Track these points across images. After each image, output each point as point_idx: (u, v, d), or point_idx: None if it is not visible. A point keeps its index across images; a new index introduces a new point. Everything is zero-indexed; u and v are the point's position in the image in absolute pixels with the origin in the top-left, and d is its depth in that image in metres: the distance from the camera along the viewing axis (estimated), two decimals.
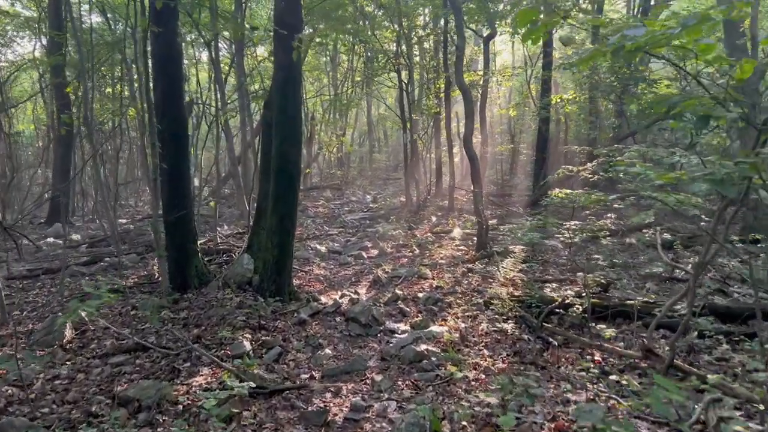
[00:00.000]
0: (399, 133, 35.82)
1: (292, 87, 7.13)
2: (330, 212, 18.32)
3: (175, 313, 7.08)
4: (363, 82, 24.18)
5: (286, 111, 7.16)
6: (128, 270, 10.13)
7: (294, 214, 7.47)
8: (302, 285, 8.62)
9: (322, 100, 28.50)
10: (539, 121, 16.31)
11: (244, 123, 15.49)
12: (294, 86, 7.15)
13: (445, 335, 6.19)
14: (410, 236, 12.88)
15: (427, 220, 14.99)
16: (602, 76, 13.66)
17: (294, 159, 7.25)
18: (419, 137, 19.11)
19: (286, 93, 7.17)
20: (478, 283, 8.33)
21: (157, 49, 7.54)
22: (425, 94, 18.40)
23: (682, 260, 9.82)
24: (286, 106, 7.14)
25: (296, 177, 7.35)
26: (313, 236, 14.01)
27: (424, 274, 8.93)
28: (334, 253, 11.59)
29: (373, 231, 14.05)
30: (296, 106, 7.19)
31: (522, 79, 19.64)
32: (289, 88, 7.12)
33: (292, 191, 7.33)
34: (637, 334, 6.18)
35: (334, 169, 28.13)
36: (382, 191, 24.01)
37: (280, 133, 7.21)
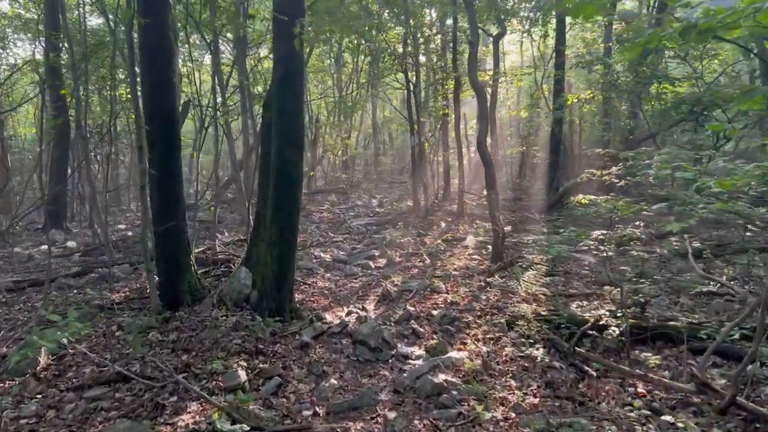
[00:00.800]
0: (404, 136, 35.06)
1: (292, 82, 6.37)
2: (335, 217, 17.56)
3: (164, 335, 6.32)
4: (368, 84, 23.44)
5: (286, 108, 6.41)
6: (120, 282, 9.40)
7: (295, 223, 6.71)
8: (305, 300, 7.86)
9: (326, 102, 27.80)
10: (553, 122, 15.54)
11: (246, 125, 14.78)
12: (295, 81, 6.40)
13: (466, 363, 5.42)
14: (419, 244, 12.11)
15: (436, 225, 14.21)
16: (619, 75, 12.86)
17: (295, 162, 6.49)
18: (426, 140, 18.35)
19: (285, 89, 6.42)
20: (497, 298, 7.56)
21: (146, 42, 6.81)
22: (433, 95, 17.62)
23: (714, 271, 9.02)
24: (286, 102, 6.39)
25: (298, 182, 6.59)
26: (318, 243, 13.25)
27: (437, 288, 8.16)
28: (340, 263, 10.82)
29: (380, 238, 13.28)
30: (297, 102, 6.43)
31: (531, 80, 18.85)
32: (289, 83, 6.37)
33: (293, 198, 6.58)
34: (683, 362, 5.40)
35: (338, 172, 27.40)
36: (388, 195, 23.24)
37: (279, 134, 6.46)
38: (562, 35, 15.77)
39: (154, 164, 6.79)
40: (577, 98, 13.09)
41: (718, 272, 8.84)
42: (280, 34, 6.33)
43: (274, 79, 6.60)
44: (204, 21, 11.92)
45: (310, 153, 24.66)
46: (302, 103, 6.56)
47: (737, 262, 9.37)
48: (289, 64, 6.34)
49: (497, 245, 9.23)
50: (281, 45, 6.34)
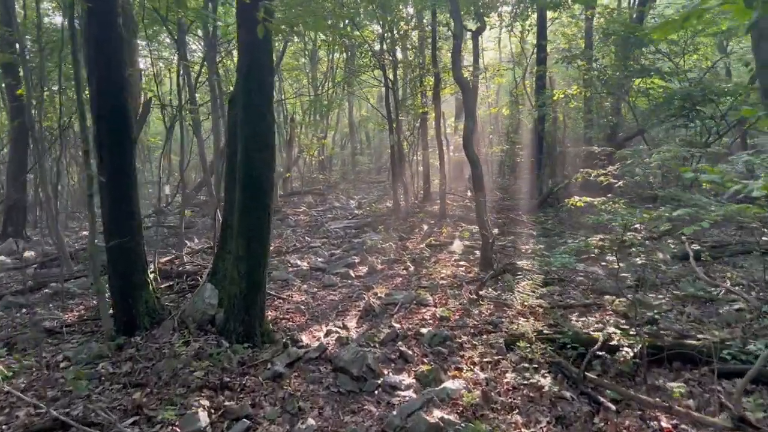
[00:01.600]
0: (382, 135, 34.26)
1: (258, 74, 5.53)
2: (312, 220, 16.70)
3: (116, 366, 5.44)
4: (344, 82, 22.58)
5: (253, 103, 5.57)
6: (75, 299, 8.45)
7: (266, 234, 5.88)
8: (279, 319, 7.02)
9: (301, 101, 26.86)
10: (535, 119, 14.90)
11: (216, 125, 13.83)
12: (262, 73, 5.55)
13: (464, 395, 4.66)
14: (402, 249, 11.34)
15: (418, 228, 13.46)
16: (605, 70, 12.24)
17: (264, 164, 5.66)
18: (405, 139, 17.59)
19: (251, 81, 5.58)
20: (490, 311, 6.82)
21: (91, 30, 5.91)
22: (412, 93, 16.86)
23: (715, 274, 8.43)
24: (252, 97, 5.56)
25: (267, 187, 5.75)
26: (294, 249, 12.40)
27: (423, 300, 7.39)
28: (318, 271, 10.00)
29: (360, 242, 12.48)
30: (265, 97, 5.59)
31: (511, 76, 18.23)
32: (256, 75, 5.52)
33: (262, 206, 5.74)
34: (708, 388, 4.72)
35: (315, 173, 26.50)
36: (366, 196, 22.43)
37: (246, 133, 5.62)
38: (543, 30, 15.14)
39: (104, 169, 5.91)
40: (564, 94, 12.46)
41: (719, 276, 8.24)
42: (244, 21, 5.49)
43: (239, 71, 5.75)
44: (170, 16, 11.02)
45: (285, 153, 23.71)
46: (271, 98, 5.72)
47: (737, 265, 8.81)
48: (254, 54, 5.50)
49: (486, 251, 8.51)
50: (246, 33, 5.50)
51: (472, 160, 8.62)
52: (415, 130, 18.69)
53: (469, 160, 8.71)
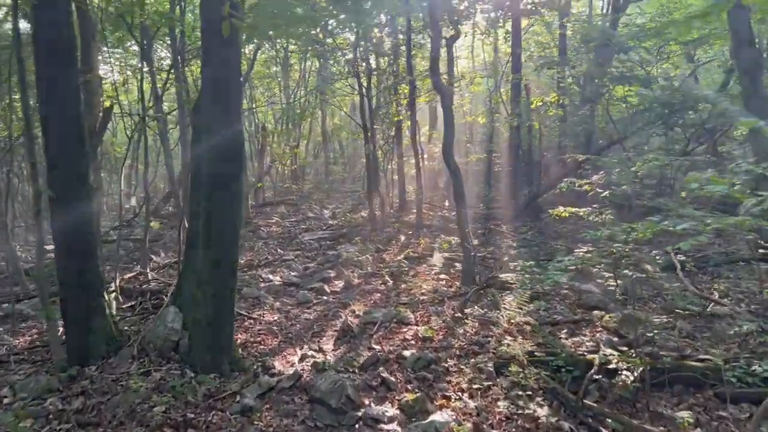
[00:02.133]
0: (355, 144, 33.80)
1: (225, 77, 5.04)
2: (285, 231, 16.12)
3: (66, 402, 4.86)
4: (317, 90, 22.11)
5: (219, 111, 5.07)
6: (28, 322, 7.78)
7: (234, 252, 5.37)
8: (249, 343, 6.48)
9: (273, 110, 26.28)
10: (511, 128, 14.64)
11: (184, 134, 13.21)
12: (229, 75, 5.06)
13: (454, 429, 4.21)
14: (379, 262, 10.90)
15: (395, 239, 13.03)
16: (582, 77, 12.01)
17: (232, 175, 5.15)
18: (380, 147, 17.17)
19: (218, 85, 5.08)
20: (475, 330, 6.40)
21: (40, 32, 5.33)
22: (387, 101, 16.46)
23: (701, 286, 8.17)
24: (218, 103, 5.06)
25: (236, 200, 5.24)
26: (266, 263, 11.84)
27: (404, 318, 6.94)
28: (291, 286, 9.48)
29: (335, 254, 11.98)
30: (232, 102, 5.10)
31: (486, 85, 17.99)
32: (222, 79, 5.03)
33: (230, 222, 5.24)
34: (716, 415, 4.37)
35: (288, 183, 25.87)
36: (340, 205, 21.91)
37: (211, 143, 5.11)
38: (518, 38, 14.92)
39: (55, 183, 5.33)
40: (541, 101, 12.21)
41: (706, 288, 7.99)
42: (208, 19, 5.01)
43: (204, 75, 5.25)
44: (135, 20, 10.44)
45: (257, 163, 23.10)
46: (239, 103, 5.23)
47: (722, 275, 8.58)
48: (220, 56, 5.01)
49: (468, 265, 8.12)
50: (210, 33, 5.01)
51: (452, 170, 8.23)
52: (389, 139, 18.30)
53: (450, 169, 8.33)
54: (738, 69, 9.08)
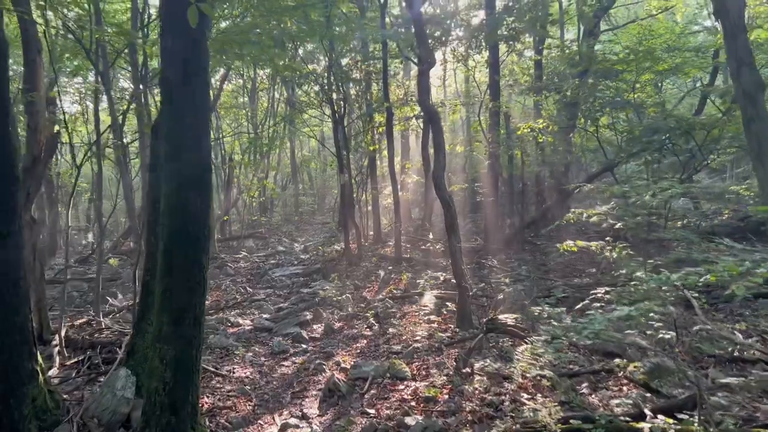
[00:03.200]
0: (325, 176, 32.90)
1: (191, 89, 4.06)
2: (254, 267, 14.95)
3: None
4: (287, 120, 21.20)
5: (183, 131, 4.08)
6: None
7: (201, 304, 4.30)
8: (217, 409, 5.35)
9: (240, 141, 25.20)
10: (492, 157, 13.95)
11: (145, 164, 12.06)
12: (195, 87, 4.08)
13: None
14: (360, 301, 9.87)
15: (374, 275, 12.02)
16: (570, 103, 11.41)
17: (197, 211, 4.12)
18: (353, 178, 16.28)
19: (182, 100, 4.09)
20: (485, 387, 5.41)
21: None
22: (361, 130, 15.64)
23: (719, 324, 7.41)
24: (182, 121, 4.06)
25: (201, 240, 4.19)
26: (234, 303, 10.67)
27: (399, 372, 5.92)
28: (264, 332, 8.36)
29: (311, 293, 10.91)
30: (198, 121, 4.10)
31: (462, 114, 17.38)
32: (187, 92, 4.05)
33: (194, 267, 4.18)
34: None
35: (256, 215, 24.67)
36: (312, 238, 20.83)
37: (173, 170, 4.10)
38: (496, 65, 14.36)
39: None
40: (529, 128, 11.56)
41: (725, 327, 7.23)
42: (170, 17, 4.04)
43: (163, 88, 4.25)
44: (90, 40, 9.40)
45: (224, 195, 21.91)
46: (207, 121, 4.24)
47: (734, 312, 7.86)
48: (184, 63, 4.03)
49: (465, 306, 7.18)
50: (173, 33, 4.05)
51: (444, 200, 7.35)
52: (363, 169, 17.45)
53: (441, 200, 7.45)
54: (737, 91, 8.54)
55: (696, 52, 14.72)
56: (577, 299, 8.69)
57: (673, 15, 19.37)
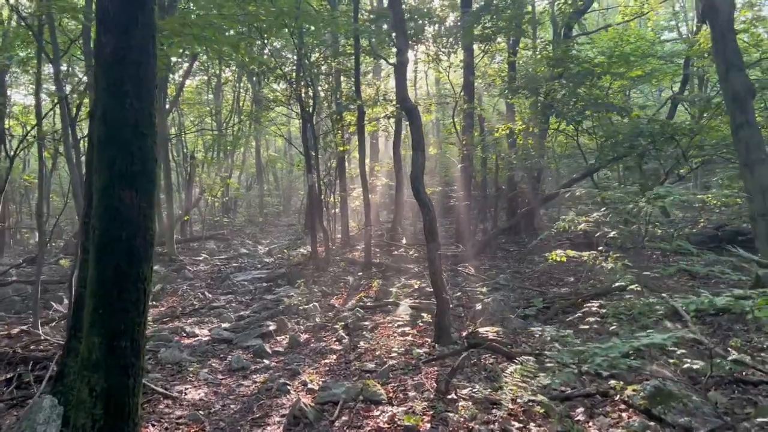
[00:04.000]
0: (291, 176, 31.98)
1: (132, 63, 3.30)
2: (214, 271, 14.05)
3: None
4: (252, 118, 20.29)
5: (121, 114, 3.32)
6: None
7: (139, 326, 3.52)
8: None
9: (204, 139, 24.16)
10: (465, 160, 13.44)
11: (69, 157, 11.07)
12: (139, 61, 3.32)
13: None
14: (329, 309, 9.16)
15: (343, 281, 11.31)
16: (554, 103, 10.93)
17: (137, 213, 3.36)
18: (321, 179, 15.54)
19: (120, 77, 3.33)
20: (471, 413, 4.77)
21: None
22: (333, 128, 14.90)
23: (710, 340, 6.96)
24: (120, 104, 3.30)
25: (139, 251, 3.41)
26: (191, 310, 9.81)
27: (374, 395, 5.22)
28: (222, 344, 7.57)
29: (275, 300, 10.14)
30: (143, 101, 3.35)
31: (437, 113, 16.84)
32: (126, 67, 3.29)
33: (134, 279, 3.41)
34: None
35: (219, 215, 23.63)
36: (276, 240, 19.96)
37: (104, 163, 3.33)
38: (471, 65, 13.87)
39: None
40: (508, 129, 11.04)
41: (717, 343, 6.78)
42: None
43: (98, 62, 3.47)
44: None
45: (185, 194, 20.85)
46: (151, 104, 3.47)
47: (722, 326, 7.45)
48: (125, 32, 3.27)
49: (444, 319, 6.55)
50: (111, 8, 3.29)
51: (423, 202, 6.71)
52: (331, 170, 16.72)
53: (420, 202, 6.80)
54: (726, 96, 8.18)
55: (670, 58, 14.55)
56: (558, 310, 8.23)
57: (645, 23, 19.32)
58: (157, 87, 3.82)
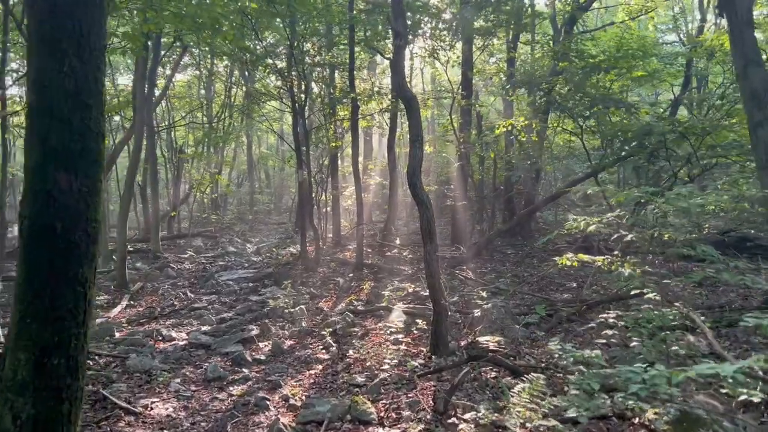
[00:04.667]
0: (283, 174, 31.27)
1: (73, 23, 2.67)
2: (199, 269, 13.36)
3: None
4: (244, 112, 19.59)
5: (56, 81, 2.67)
6: None
7: (78, 339, 2.85)
8: None
9: (195, 134, 23.39)
10: (462, 158, 12.83)
11: None
12: (79, 20, 2.68)
13: None
14: (316, 313, 8.51)
15: (333, 283, 10.66)
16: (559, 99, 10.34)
17: (69, 203, 2.71)
18: (313, 176, 14.88)
19: (57, 39, 2.69)
20: None
21: None
22: (325, 123, 14.25)
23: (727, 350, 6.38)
24: (60, 69, 2.68)
25: (78, 247, 2.75)
26: (170, 311, 9.14)
27: (363, 414, 4.58)
28: (199, 350, 6.91)
29: (260, 302, 9.48)
30: (86, 66, 2.71)
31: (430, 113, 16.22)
32: (64, 27, 2.66)
33: (67, 286, 2.75)
34: None
35: (207, 212, 22.89)
36: (266, 239, 19.27)
37: (35, 140, 2.68)
38: (469, 61, 13.28)
39: None
40: (510, 125, 10.45)
41: (734, 353, 6.21)
42: None
43: (30, 12, 2.82)
44: None
45: (173, 190, 20.13)
46: (97, 68, 2.81)
47: (740, 338, 6.88)
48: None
49: (441, 328, 5.92)
50: None
51: (421, 200, 6.08)
52: (322, 167, 16.05)
53: (417, 200, 6.17)
54: (743, 93, 7.62)
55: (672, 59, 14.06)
56: (562, 318, 7.63)
57: (646, 25, 18.83)
58: (148, 78, 3.16)
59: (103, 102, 2.86)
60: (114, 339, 7.26)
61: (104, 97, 2.86)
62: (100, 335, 7.33)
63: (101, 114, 2.83)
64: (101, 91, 2.84)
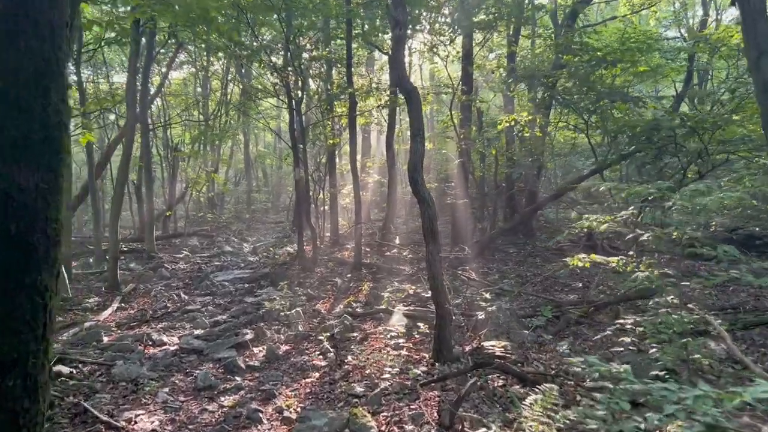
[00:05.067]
0: (280, 173, 30.89)
1: None
2: (194, 270, 13.00)
3: None
4: (240, 110, 19.21)
5: (16, 65, 2.34)
6: None
7: (38, 354, 2.50)
8: None
9: (191, 132, 22.99)
10: (462, 155, 12.49)
11: None
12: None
13: None
14: (313, 315, 8.15)
15: (331, 284, 10.31)
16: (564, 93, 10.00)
17: (26, 202, 2.35)
18: (311, 175, 14.52)
19: (13, 15, 2.34)
20: None
21: None
22: (322, 120, 13.89)
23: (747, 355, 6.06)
24: (16, 48, 2.33)
25: (35, 252, 2.39)
26: (162, 314, 8.78)
27: (363, 428, 4.24)
28: (191, 355, 6.56)
29: (255, 303, 9.12)
30: (48, 49, 2.35)
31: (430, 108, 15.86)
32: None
33: (23, 295, 2.39)
34: None
35: (204, 211, 22.51)
36: (263, 238, 18.91)
37: None
38: (469, 56, 12.92)
39: None
40: (513, 120, 10.09)
41: (752, 358, 5.88)
42: None
43: None
44: None
45: (168, 188, 19.74)
46: (59, 49, 2.46)
47: (756, 342, 6.55)
48: None
49: (444, 333, 5.58)
50: None
51: (422, 198, 5.73)
52: (320, 165, 15.69)
53: (418, 197, 5.83)
54: (757, 85, 7.28)
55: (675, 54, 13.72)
56: (569, 320, 7.29)
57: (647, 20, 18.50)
58: (141, 73, 2.79)
59: (66, 86, 2.50)
60: (101, 344, 6.90)
61: (66, 80, 2.51)
62: (87, 340, 6.98)
63: (63, 100, 2.48)
64: (64, 73, 2.49)
